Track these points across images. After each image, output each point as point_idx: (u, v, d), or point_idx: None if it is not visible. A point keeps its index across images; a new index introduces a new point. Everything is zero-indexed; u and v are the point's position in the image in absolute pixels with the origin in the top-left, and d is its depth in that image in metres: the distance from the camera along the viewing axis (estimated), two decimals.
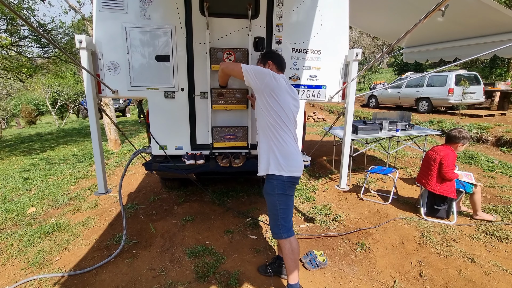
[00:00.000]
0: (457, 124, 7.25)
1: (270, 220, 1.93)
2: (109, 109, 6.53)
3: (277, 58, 2.01)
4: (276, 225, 1.86)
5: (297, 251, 1.87)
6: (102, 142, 2.51)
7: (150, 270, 2.30)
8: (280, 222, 1.84)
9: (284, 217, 1.84)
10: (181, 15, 2.42)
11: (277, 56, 2.01)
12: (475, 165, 4.82)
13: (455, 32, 3.91)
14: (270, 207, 1.89)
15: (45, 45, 9.34)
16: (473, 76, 9.18)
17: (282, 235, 1.85)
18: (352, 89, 2.61)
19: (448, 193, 2.88)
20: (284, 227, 1.85)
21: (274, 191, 1.83)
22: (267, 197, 1.89)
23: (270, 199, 1.87)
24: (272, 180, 1.84)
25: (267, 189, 1.88)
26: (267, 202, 1.92)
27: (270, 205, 1.88)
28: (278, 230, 1.86)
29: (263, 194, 1.98)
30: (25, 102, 20.75)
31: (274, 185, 1.83)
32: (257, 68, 1.84)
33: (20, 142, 10.02)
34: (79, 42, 2.16)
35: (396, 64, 19.80)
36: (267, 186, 1.87)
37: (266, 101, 1.81)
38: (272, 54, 2.03)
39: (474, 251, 2.46)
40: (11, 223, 3.23)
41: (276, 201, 1.83)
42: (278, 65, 2.00)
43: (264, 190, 1.92)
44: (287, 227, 1.86)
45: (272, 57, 2.00)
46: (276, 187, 1.82)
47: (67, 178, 4.87)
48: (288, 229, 1.86)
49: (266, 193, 1.90)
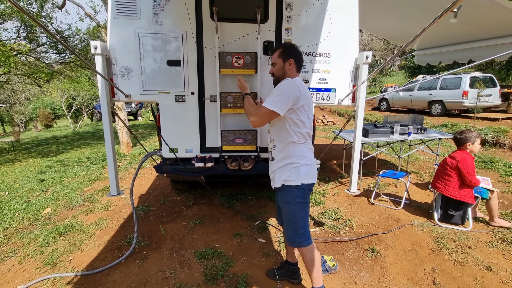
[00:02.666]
0: (472, 127, 7.05)
1: (288, 229, 1.84)
2: (122, 113, 6.69)
3: (299, 57, 1.79)
4: (296, 234, 1.79)
5: (318, 257, 1.83)
6: (115, 145, 2.57)
7: (160, 271, 2.32)
8: (300, 230, 1.78)
9: (303, 225, 1.79)
10: (191, 20, 2.47)
11: (299, 54, 1.79)
12: (491, 170, 4.66)
13: (468, 34, 3.82)
14: (290, 216, 1.79)
15: (61, 51, 9.69)
16: (488, 78, 8.91)
17: (303, 243, 1.79)
18: (362, 92, 2.58)
19: (466, 198, 2.79)
20: (304, 235, 1.79)
21: (294, 200, 1.74)
22: (285, 206, 1.80)
23: (289, 208, 1.78)
24: (292, 189, 1.74)
25: (286, 198, 1.78)
26: (285, 211, 1.82)
27: (290, 214, 1.79)
28: (298, 238, 1.79)
29: (278, 203, 1.90)
30: (42, 106, 21.52)
31: (295, 194, 1.74)
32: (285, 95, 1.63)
33: (37, 145, 10.38)
34: (94, 48, 2.23)
35: (408, 67, 19.45)
36: (286, 195, 1.77)
37: (290, 119, 1.69)
38: (294, 51, 1.78)
39: (491, 259, 2.37)
40: (27, 223, 3.34)
41: (296, 210, 1.76)
42: (299, 66, 1.81)
43: (281, 199, 1.82)
44: (306, 235, 1.80)
45: (294, 54, 1.77)
46: (296, 196, 1.74)
47: (81, 180, 5.00)
48: (308, 237, 1.81)
49: (285, 202, 1.80)
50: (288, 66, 1.77)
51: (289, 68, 1.77)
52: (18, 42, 9.29)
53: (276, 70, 1.81)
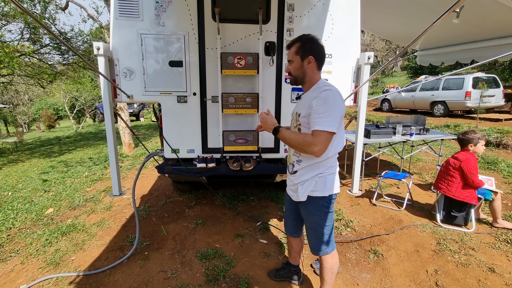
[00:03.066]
0: (475, 128, 7.00)
1: (312, 239, 1.77)
2: (124, 114, 6.72)
3: (320, 52, 1.54)
4: (320, 242, 1.74)
5: (336, 266, 1.80)
6: (117, 145, 2.58)
7: (161, 272, 2.33)
8: (325, 238, 1.73)
9: (329, 233, 1.75)
10: (193, 21, 2.48)
11: (320, 50, 1.54)
12: (495, 170, 4.63)
13: (471, 34, 3.80)
14: (315, 227, 1.72)
15: (65, 53, 9.76)
16: (491, 78, 8.87)
17: (328, 250, 1.75)
18: (364, 93, 2.58)
19: (469, 199, 2.78)
20: (329, 242, 1.75)
21: (321, 210, 1.67)
22: (310, 217, 1.72)
23: (315, 219, 1.70)
24: (318, 200, 1.65)
25: (311, 209, 1.69)
26: (308, 222, 1.76)
27: (315, 225, 1.72)
28: (323, 247, 1.74)
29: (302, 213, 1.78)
30: (45, 107, 21.69)
31: (320, 205, 1.65)
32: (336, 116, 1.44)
33: (40, 145, 10.45)
34: (97, 49, 2.25)
35: (410, 67, 19.38)
36: (311, 207, 1.68)
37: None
38: (315, 46, 1.53)
39: (494, 260, 2.35)
40: (30, 223, 3.36)
41: (322, 220, 1.69)
42: (320, 63, 1.56)
43: (305, 210, 1.74)
44: (331, 241, 1.76)
45: (314, 50, 1.52)
46: (322, 206, 1.66)
47: (83, 180, 5.03)
48: (332, 243, 1.77)
49: (309, 214, 1.71)
50: (307, 65, 1.53)
51: (308, 67, 1.54)
52: (21, 44, 9.37)
53: (294, 69, 1.58)
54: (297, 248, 2.07)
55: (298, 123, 1.59)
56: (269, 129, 1.61)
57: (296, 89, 2.67)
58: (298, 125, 1.59)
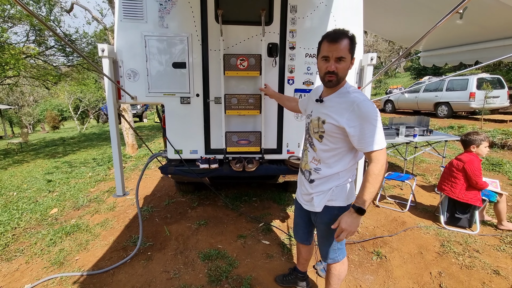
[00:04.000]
0: (479, 129, 6.94)
1: (324, 247, 1.72)
2: (128, 115, 6.77)
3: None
4: (332, 249, 1.69)
5: (344, 273, 1.77)
6: (121, 146, 2.60)
7: (164, 272, 2.34)
8: (337, 246, 1.70)
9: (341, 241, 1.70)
10: (197, 23, 2.49)
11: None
12: (499, 172, 4.59)
13: (475, 35, 3.78)
14: (326, 235, 1.66)
15: (69, 54, 9.86)
16: (496, 79, 8.80)
17: (339, 257, 1.71)
18: (367, 94, 2.57)
19: (473, 201, 2.76)
20: (340, 249, 1.72)
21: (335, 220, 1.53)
22: (324, 226, 1.64)
23: (328, 228, 1.57)
24: (333, 210, 1.58)
25: (325, 219, 1.61)
26: (321, 231, 1.69)
27: (327, 234, 1.65)
28: (334, 254, 1.70)
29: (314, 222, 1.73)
30: (49, 108, 21.90)
31: (335, 215, 1.53)
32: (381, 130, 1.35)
33: (44, 146, 10.55)
34: (102, 51, 2.27)
35: (414, 68, 19.29)
36: (326, 216, 1.61)
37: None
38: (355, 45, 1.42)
39: (499, 263, 2.33)
40: (35, 223, 3.39)
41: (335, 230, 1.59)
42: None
43: (320, 219, 1.66)
44: (342, 248, 1.73)
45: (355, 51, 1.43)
46: (337, 216, 1.52)
47: (87, 181, 5.06)
48: (343, 250, 1.73)
49: (323, 223, 1.63)
50: (350, 66, 1.43)
51: (350, 67, 1.43)
52: (27, 45, 9.48)
53: (343, 69, 1.40)
54: (306, 255, 2.03)
55: (321, 130, 1.46)
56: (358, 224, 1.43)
57: (299, 90, 2.67)
58: (322, 132, 1.46)
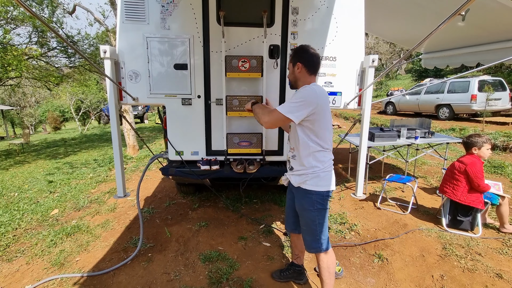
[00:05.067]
0: (481, 131, 6.92)
1: (307, 236, 1.82)
2: (129, 116, 6.78)
3: (309, 59, 1.69)
4: (314, 240, 1.79)
5: (334, 265, 1.83)
6: (122, 147, 2.60)
7: (164, 274, 2.33)
8: (319, 236, 1.77)
9: (323, 230, 1.78)
10: (198, 25, 2.50)
11: (309, 57, 1.69)
12: (501, 175, 4.56)
13: (477, 37, 3.78)
14: (308, 222, 1.78)
15: (71, 56, 9.91)
16: (498, 81, 8.78)
17: (321, 249, 1.78)
18: (368, 96, 2.57)
19: (475, 203, 2.74)
20: (323, 240, 1.78)
21: (313, 206, 1.73)
22: (304, 212, 1.78)
23: (308, 214, 1.76)
24: (311, 195, 1.72)
25: (304, 204, 1.76)
26: (302, 217, 1.82)
27: (308, 220, 1.77)
28: (317, 244, 1.78)
29: (290, 208, 1.91)
30: (51, 109, 21.98)
31: (313, 200, 1.72)
32: (301, 107, 1.58)
33: (46, 147, 10.57)
34: (104, 52, 2.28)
35: (415, 70, 19.28)
36: (305, 202, 1.75)
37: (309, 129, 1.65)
38: (303, 53, 1.70)
39: (502, 266, 2.31)
40: (35, 224, 3.39)
41: (315, 216, 1.74)
42: (310, 68, 1.69)
43: (299, 206, 1.81)
44: (325, 240, 1.80)
45: (302, 58, 1.69)
46: (315, 202, 1.73)
47: (88, 182, 5.07)
48: (327, 242, 1.80)
49: (303, 209, 1.78)
50: (297, 71, 1.72)
51: (298, 72, 1.72)
52: (29, 47, 9.53)
53: (289, 75, 1.85)
54: (301, 247, 2.07)
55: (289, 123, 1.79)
56: (249, 105, 1.94)
57: None
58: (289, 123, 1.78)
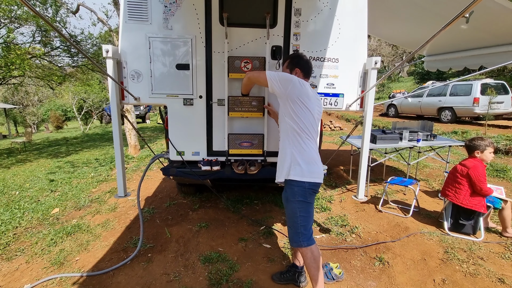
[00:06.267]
0: (483, 135, 6.89)
1: (289, 228, 1.87)
2: (131, 115, 6.79)
3: (305, 66, 1.96)
4: (295, 233, 1.82)
5: (318, 259, 1.82)
6: (123, 147, 2.60)
7: (164, 274, 2.32)
8: (300, 230, 1.79)
9: (304, 224, 1.79)
10: (201, 25, 2.50)
11: (305, 63, 1.96)
12: (503, 178, 4.53)
13: (480, 40, 3.77)
14: (290, 214, 1.84)
15: (74, 55, 9.95)
16: (500, 85, 8.75)
17: (302, 243, 1.80)
18: (370, 98, 2.56)
19: (477, 207, 2.72)
20: (304, 235, 1.79)
21: (294, 197, 1.78)
22: (287, 203, 1.85)
23: (290, 206, 1.82)
24: (293, 186, 1.79)
25: (287, 195, 1.84)
26: (286, 209, 1.88)
27: (290, 212, 1.83)
28: (298, 238, 1.81)
29: (282, 201, 1.95)
30: (53, 108, 22.09)
31: (295, 192, 1.78)
32: (282, 75, 1.82)
33: (48, 146, 10.60)
34: (106, 52, 2.28)
35: (417, 73, 19.24)
36: (287, 193, 1.83)
37: (290, 108, 1.78)
38: (299, 60, 1.96)
39: (504, 271, 2.29)
40: (36, 223, 3.39)
41: (296, 208, 1.79)
42: (306, 73, 1.97)
43: (283, 196, 1.89)
44: (307, 235, 1.81)
45: (299, 64, 1.95)
46: (297, 194, 1.77)
47: (89, 181, 5.07)
48: (308, 237, 1.81)
49: (286, 200, 1.86)
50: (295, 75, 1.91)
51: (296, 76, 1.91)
52: (33, 46, 9.58)
53: None
54: None
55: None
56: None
57: None
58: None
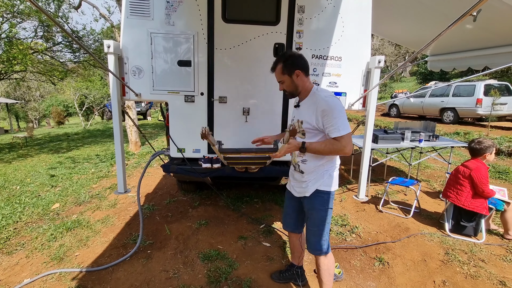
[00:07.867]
0: (486, 136, 6.85)
1: (313, 237, 1.79)
2: (132, 112, 6.79)
3: (304, 64, 1.68)
4: (322, 240, 1.76)
5: (333, 267, 1.85)
6: (124, 143, 2.59)
7: (163, 271, 2.32)
8: (325, 237, 1.77)
9: (327, 231, 1.78)
10: (203, 22, 2.48)
11: (302, 61, 1.68)
12: (506, 180, 4.50)
13: (485, 40, 3.73)
14: (318, 223, 1.75)
15: (76, 51, 9.93)
16: (504, 86, 8.69)
17: (323, 251, 1.77)
18: (373, 97, 2.54)
19: (479, 209, 2.70)
20: (327, 242, 1.78)
21: (324, 206, 1.73)
22: (315, 212, 1.75)
23: (319, 214, 1.74)
24: (323, 195, 1.73)
25: (315, 204, 1.74)
26: (312, 218, 1.77)
27: (318, 221, 1.75)
28: (321, 246, 1.77)
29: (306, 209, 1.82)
30: (55, 104, 22.12)
31: (325, 200, 1.73)
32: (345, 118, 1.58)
33: (49, 141, 10.62)
34: (107, 47, 2.27)
35: (420, 73, 19.14)
36: (316, 202, 1.74)
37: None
38: (295, 59, 1.66)
39: (505, 273, 2.28)
40: (36, 218, 3.40)
41: (326, 216, 1.74)
42: (306, 71, 1.69)
43: (309, 205, 1.78)
44: (328, 242, 1.80)
45: (298, 64, 1.65)
46: (326, 202, 1.73)
47: (90, 177, 5.08)
48: (328, 243, 1.81)
49: (314, 209, 1.75)
50: (296, 79, 1.65)
51: (298, 79, 1.66)
52: (35, 41, 9.57)
53: (287, 87, 1.71)
54: (300, 248, 2.06)
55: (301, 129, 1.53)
56: (296, 149, 1.61)
57: None
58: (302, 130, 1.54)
